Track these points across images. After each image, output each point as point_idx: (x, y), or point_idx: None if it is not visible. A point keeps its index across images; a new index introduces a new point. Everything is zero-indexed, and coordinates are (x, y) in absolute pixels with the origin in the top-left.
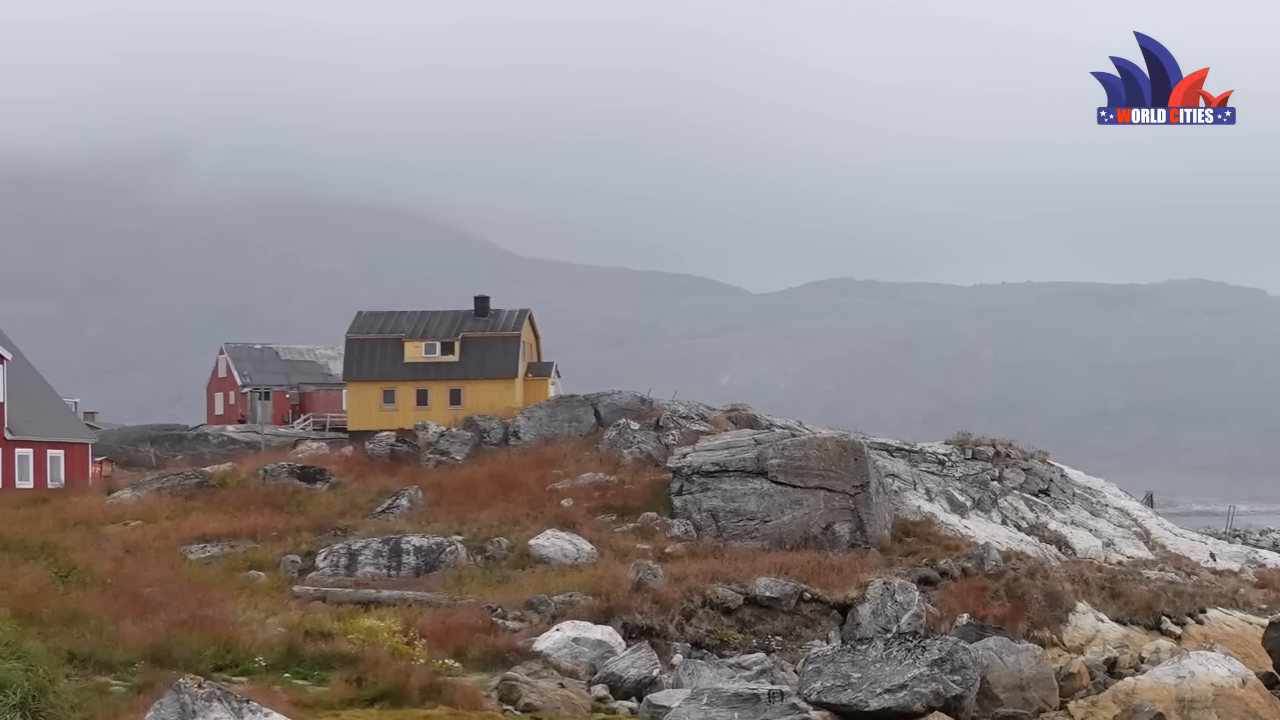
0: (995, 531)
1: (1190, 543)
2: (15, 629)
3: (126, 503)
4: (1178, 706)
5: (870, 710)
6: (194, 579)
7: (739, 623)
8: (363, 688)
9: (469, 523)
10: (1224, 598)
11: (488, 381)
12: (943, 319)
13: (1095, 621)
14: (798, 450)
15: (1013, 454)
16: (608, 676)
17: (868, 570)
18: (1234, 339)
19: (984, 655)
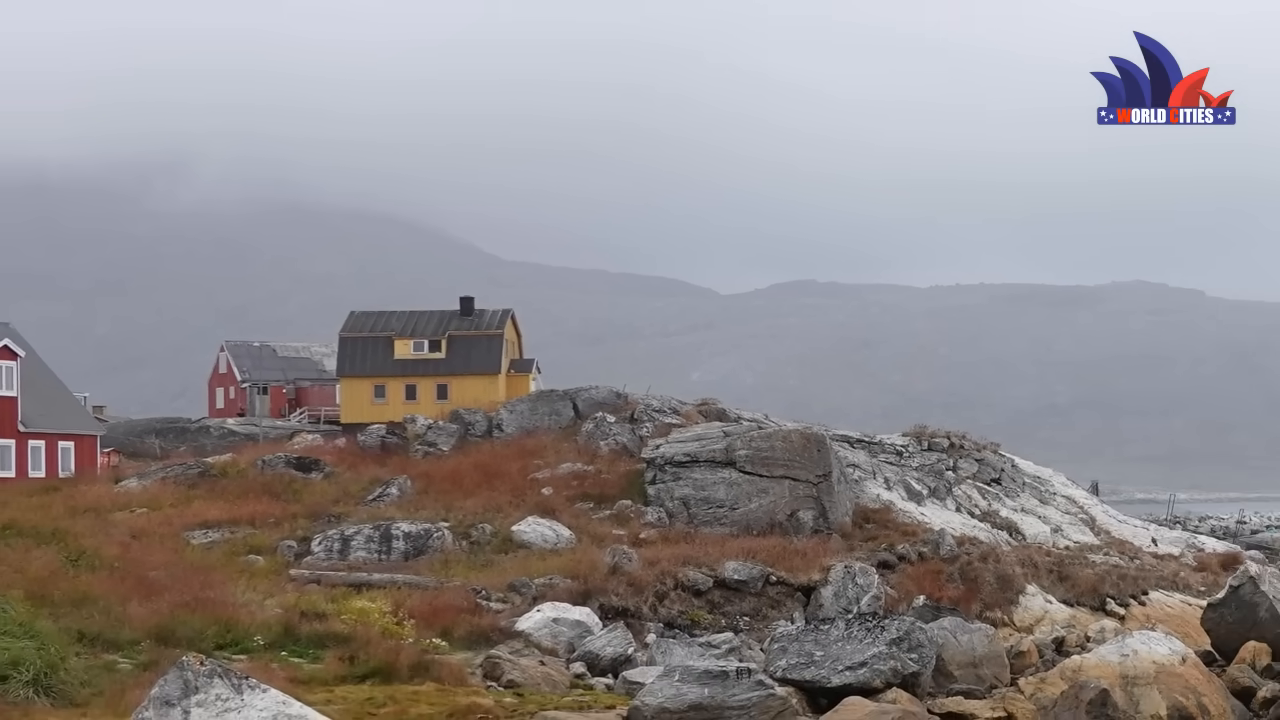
0: (950, 518)
1: (1133, 529)
2: (28, 610)
3: (133, 491)
4: (1121, 682)
5: (832, 686)
6: (196, 563)
7: (709, 604)
8: (355, 665)
9: (455, 510)
10: (1165, 581)
11: (472, 377)
12: (900, 318)
13: (1044, 603)
14: (764, 442)
15: (966, 445)
16: (585, 655)
17: (830, 555)
18: (1174, 337)
19: (939, 635)
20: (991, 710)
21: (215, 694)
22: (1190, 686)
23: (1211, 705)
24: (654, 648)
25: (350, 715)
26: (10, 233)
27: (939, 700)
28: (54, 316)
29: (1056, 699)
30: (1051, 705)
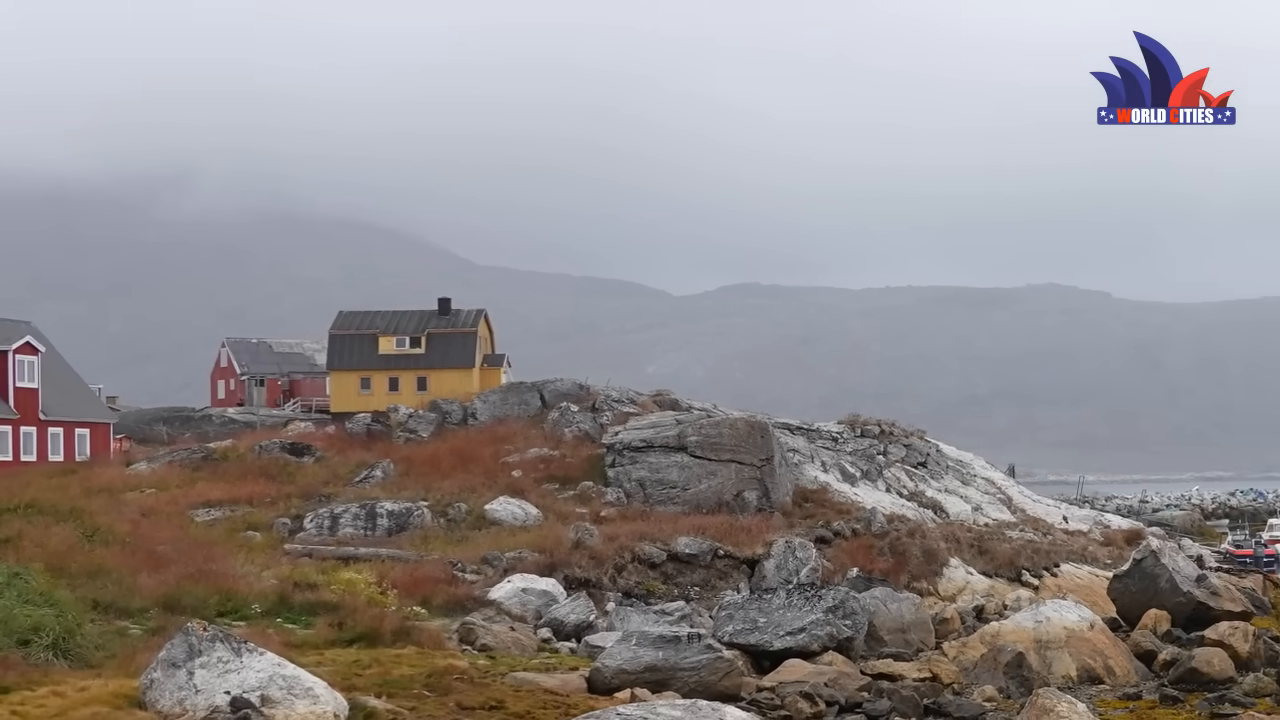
0: (881, 498)
1: (1046, 508)
2: (48, 580)
3: (142, 474)
4: (1035, 646)
5: (774, 650)
6: (200, 538)
7: (663, 575)
8: (343, 631)
9: (433, 490)
10: (1075, 554)
11: (449, 371)
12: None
13: (965, 574)
14: (713, 429)
15: (895, 432)
16: (551, 621)
17: (772, 531)
18: (1083, 335)
19: (871, 603)
20: (918, 671)
21: (217, 656)
22: (1098, 650)
23: (1117, 667)
24: (613, 615)
25: (339, 676)
26: (31, 240)
27: (871, 662)
28: (71, 316)
29: (977, 661)
30: (972, 667)
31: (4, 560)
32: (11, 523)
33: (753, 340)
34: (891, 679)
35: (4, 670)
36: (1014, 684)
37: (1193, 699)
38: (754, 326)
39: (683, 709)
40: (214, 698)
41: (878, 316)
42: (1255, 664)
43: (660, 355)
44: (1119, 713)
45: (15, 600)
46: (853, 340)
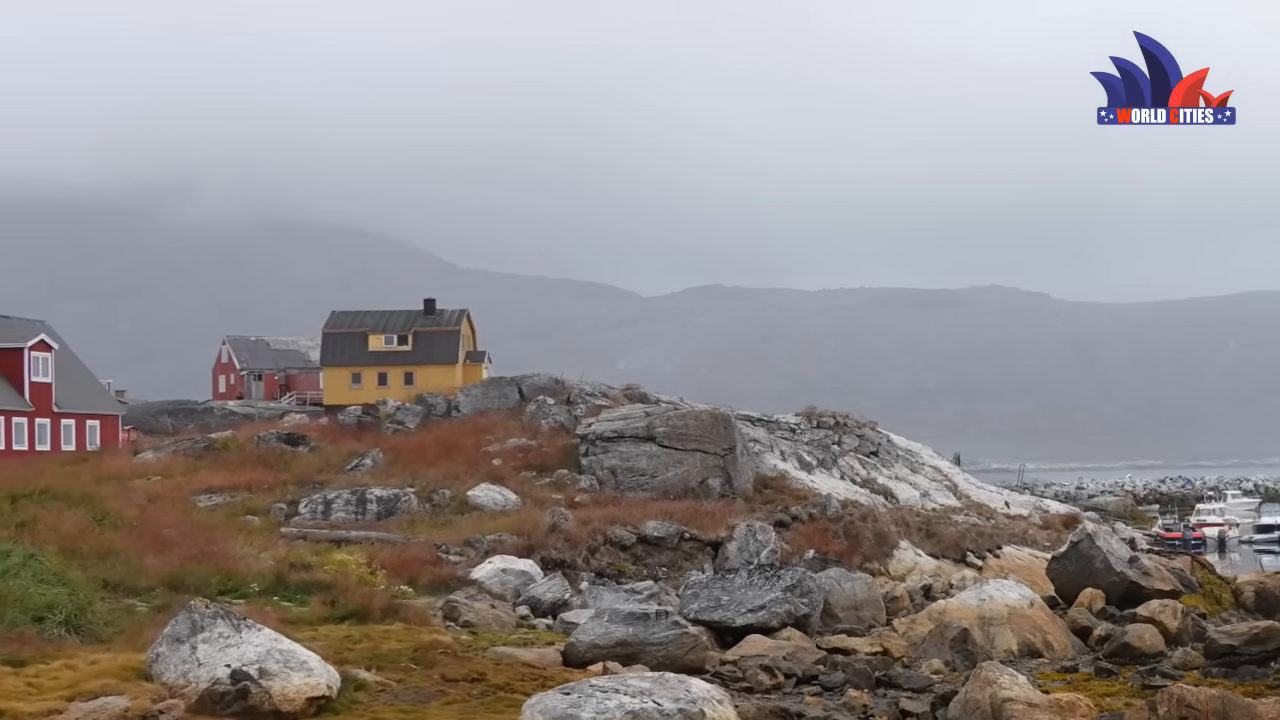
0: (835, 485)
1: (989, 494)
2: (61, 561)
3: (149, 462)
4: (979, 623)
5: (736, 626)
6: (202, 522)
7: (633, 557)
8: (335, 608)
9: (419, 478)
10: (1016, 537)
11: (434, 366)
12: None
13: (914, 556)
14: (679, 420)
15: (849, 424)
16: (529, 599)
17: (734, 515)
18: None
19: (826, 582)
20: (870, 646)
21: (218, 632)
22: (1037, 626)
23: (1055, 641)
24: (587, 594)
25: (331, 650)
26: (45, 244)
27: (826, 637)
28: (82, 315)
29: (925, 636)
30: (921, 641)
31: (20, 543)
32: (27, 508)
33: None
34: (845, 653)
35: (20, 645)
36: (959, 658)
37: (1125, 671)
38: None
39: (651, 681)
40: (215, 670)
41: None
42: (1184, 639)
43: (630, 352)
44: (1057, 684)
45: (30, 580)
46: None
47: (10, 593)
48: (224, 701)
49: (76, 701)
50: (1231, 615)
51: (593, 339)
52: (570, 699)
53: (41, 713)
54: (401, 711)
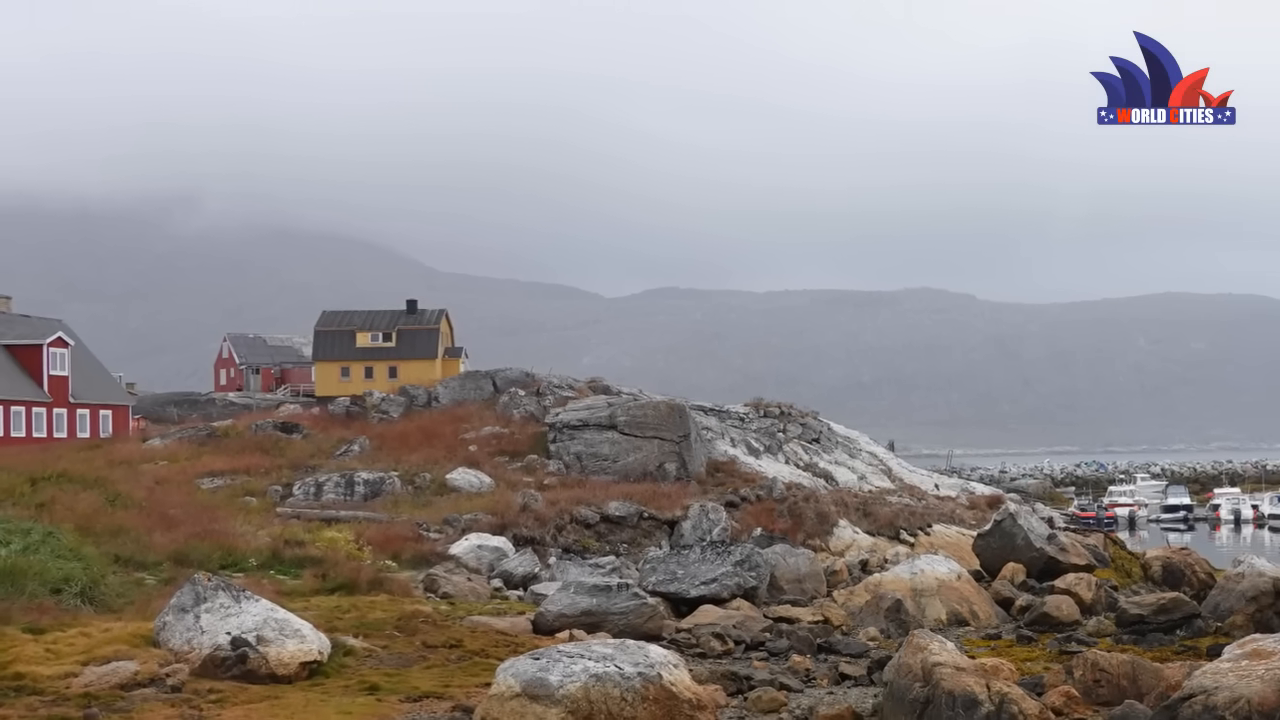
0: (780, 469)
1: (920, 477)
2: (76, 539)
3: (156, 448)
4: (911, 594)
5: (691, 597)
6: (205, 503)
7: (596, 534)
8: (326, 581)
9: (402, 462)
10: (945, 516)
11: (416, 361)
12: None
13: (852, 533)
14: (639, 410)
15: (793, 413)
16: (502, 573)
17: (689, 496)
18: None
19: (772, 557)
20: (812, 615)
21: (219, 603)
22: (964, 597)
23: (980, 611)
24: (554, 568)
25: (322, 619)
26: (62, 250)
27: (772, 607)
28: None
29: (862, 606)
30: (858, 611)
31: (39, 521)
32: (46, 489)
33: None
34: (790, 621)
35: (40, 614)
36: (893, 626)
37: (1044, 639)
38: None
39: (613, 647)
40: (217, 638)
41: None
42: (1097, 609)
43: (594, 348)
44: (982, 650)
45: (49, 555)
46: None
47: (30, 567)
48: (225, 666)
49: (91, 666)
50: (1140, 587)
51: (560, 336)
52: (540, 663)
53: (59, 676)
54: (386, 675)
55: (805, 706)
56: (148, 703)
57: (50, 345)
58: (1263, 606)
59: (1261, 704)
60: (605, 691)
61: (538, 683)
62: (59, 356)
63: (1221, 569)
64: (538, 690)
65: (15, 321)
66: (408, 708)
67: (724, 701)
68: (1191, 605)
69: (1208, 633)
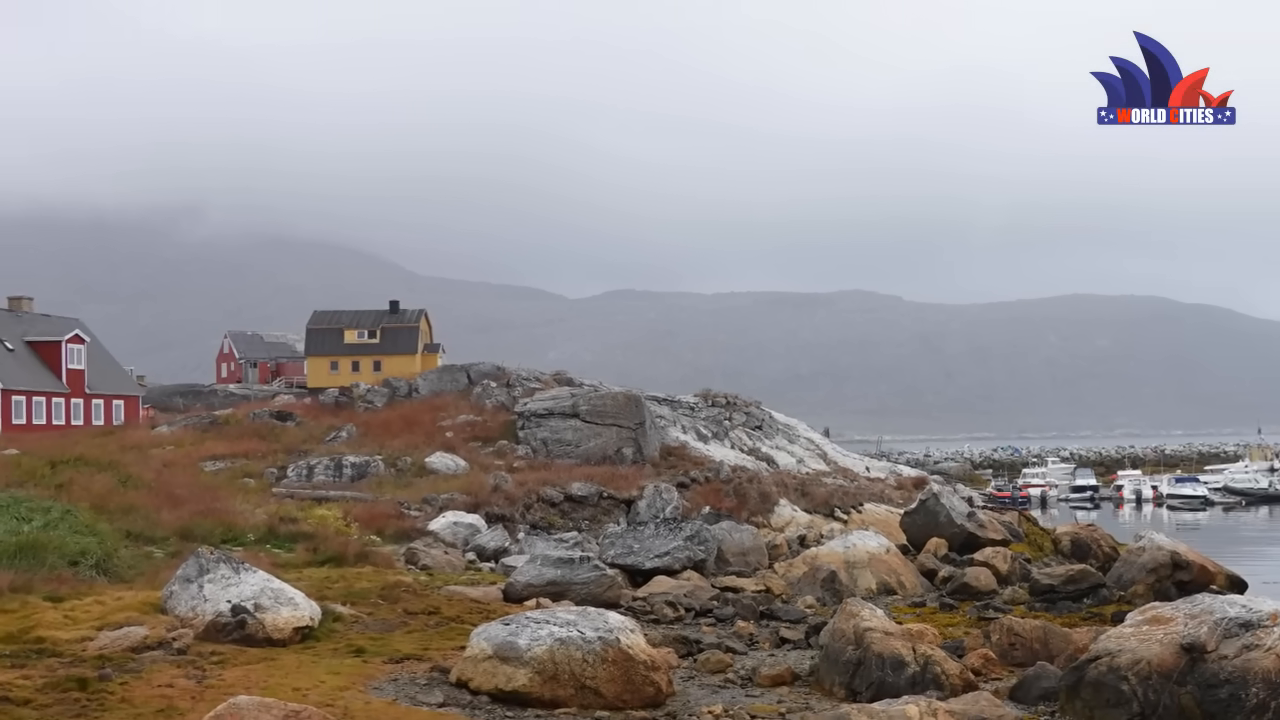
0: (727, 453)
1: (853, 460)
2: (92, 516)
3: (164, 435)
4: (845, 566)
5: (646, 569)
6: (207, 484)
7: (561, 512)
8: (317, 554)
9: (386, 447)
10: (875, 496)
11: (398, 356)
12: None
13: (791, 511)
14: (599, 400)
15: (738, 403)
16: (476, 547)
17: (644, 478)
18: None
19: (719, 533)
20: (755, 585)
21: (221, 574)
22: (892, 569)
23: (906, 582)
24: (523, 542)
25: (313, 588)
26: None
27: (719, 578)
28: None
29: (800, 577)
30: (797, 581)
31: (58, 500)
32: (64, 472)
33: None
34: (735, 591)
35: (59, 584)
36: (828, 595)
37: (964, 606)
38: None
39: (576, 614)
40: (218, 605)
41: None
42: (1012, 579)
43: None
44: (908, 617)
45: (67, 531)
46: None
47: (50, 541)
48: (225, 630)
49: (105, 630)
50: (1051, 560)
51: (527, 334)
52: (510, 628)
53: (76, 639)
54: (371, 639)
55: (749, 667)
56: (156, 664)
57: (68, 342)
58: (1161, 577)
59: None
60: (568, 654)
61: (508, 646)
62: (76, 352)
63: (1124, 544)
64: (508, 652)
65: (37, 320)
66: (391, 668)
67: (676, 663)
68: (1097, 576)
69: (1112, 601)
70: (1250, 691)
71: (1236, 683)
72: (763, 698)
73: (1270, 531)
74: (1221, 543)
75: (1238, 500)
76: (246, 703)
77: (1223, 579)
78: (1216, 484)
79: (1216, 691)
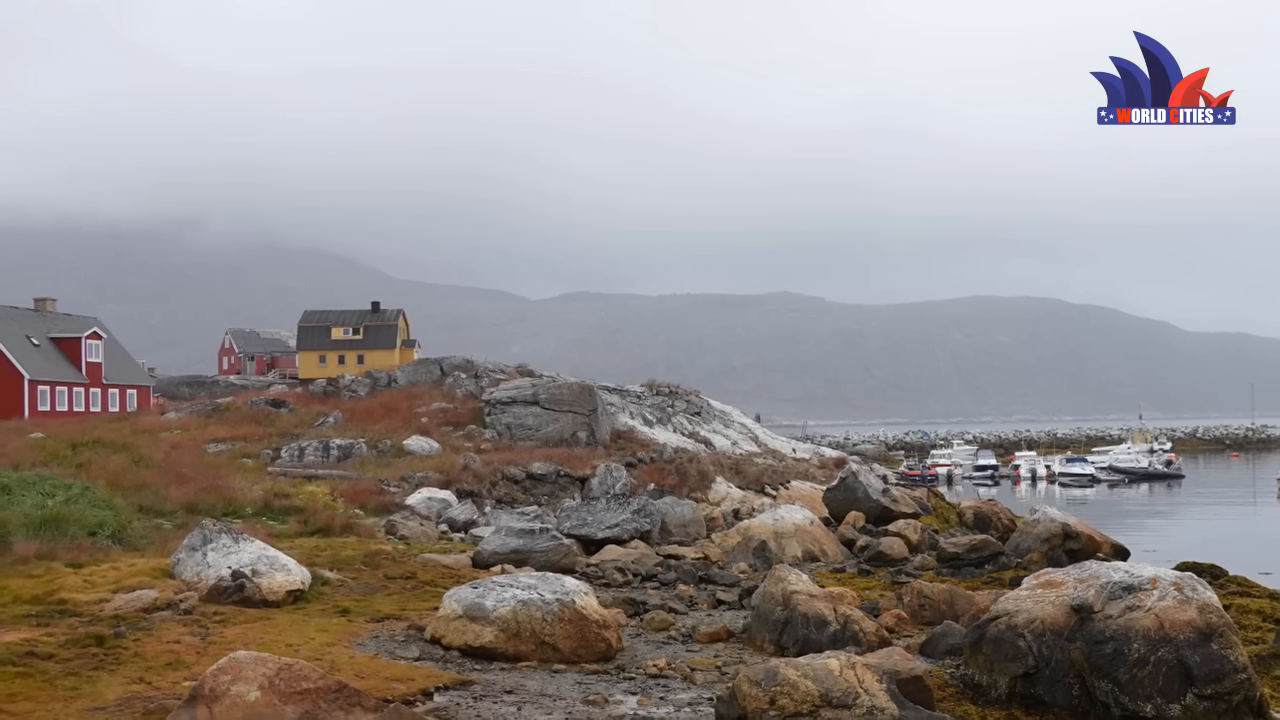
0: (670, 437)
1: (781, 443)
2: (108, 492)
3: (172, 420)
4: (774, 536)
5: (598, 538)
6: (210, 464)
7: (523, 489)
8: (307, 526)
9: (368, 431)
10: (800, 474)
11: (379, 350)
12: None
13: (727, 488)
14: (557, 390)
15: (680, 392)
16: (448, 519)
17: (597, 458)
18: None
19: (663, 507)
20: (695, 553)
21: (222, 543)
22: (816, 539)
23: (828, 550)
24: (490, 515)
25: (304, 556)
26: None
27: (663, 547)
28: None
29: (734, 546)
30: (731, 550)
31: (78, 478)
32: (83, 453)
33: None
34: (677, 558)
35: (79, 552)
36: (759, 561)
37: (880, 572)
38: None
39: (536, 578)
40: (220, 571)
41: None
42: (922, 548)
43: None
44: (830, 581)
45: (86, 505)
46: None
47: (71, 514)
48: (226, 593)
49: (120, 593)
50: (956, 531)
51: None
52: (478, 591)
53: (94, 601)
54: (355, 600)
55: (689, 625)
56: (165, 622)
57: (87, 338)
58: (1054, 546)
59: (1052, 623)
60: (530, 614)
61: (476, 607)
62: (94, 347)
63: (1021, 516)
64: (476, 613)
65: (59, 319)
66: (372, 626)
67: (625, 622)
68: (997, 545)
69: (1010, 567)
70: (1133, 647)
71: (1120, 639)
72: (701, 652)
73: (1150, 506)
74: (1107, 515)
75: (1121, 478)
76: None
77: (1108, 547)
78: (1103, 464)
79: (1102, 647)
